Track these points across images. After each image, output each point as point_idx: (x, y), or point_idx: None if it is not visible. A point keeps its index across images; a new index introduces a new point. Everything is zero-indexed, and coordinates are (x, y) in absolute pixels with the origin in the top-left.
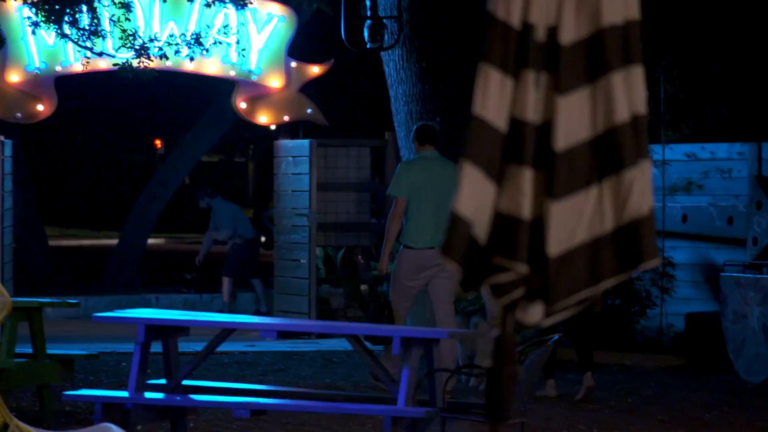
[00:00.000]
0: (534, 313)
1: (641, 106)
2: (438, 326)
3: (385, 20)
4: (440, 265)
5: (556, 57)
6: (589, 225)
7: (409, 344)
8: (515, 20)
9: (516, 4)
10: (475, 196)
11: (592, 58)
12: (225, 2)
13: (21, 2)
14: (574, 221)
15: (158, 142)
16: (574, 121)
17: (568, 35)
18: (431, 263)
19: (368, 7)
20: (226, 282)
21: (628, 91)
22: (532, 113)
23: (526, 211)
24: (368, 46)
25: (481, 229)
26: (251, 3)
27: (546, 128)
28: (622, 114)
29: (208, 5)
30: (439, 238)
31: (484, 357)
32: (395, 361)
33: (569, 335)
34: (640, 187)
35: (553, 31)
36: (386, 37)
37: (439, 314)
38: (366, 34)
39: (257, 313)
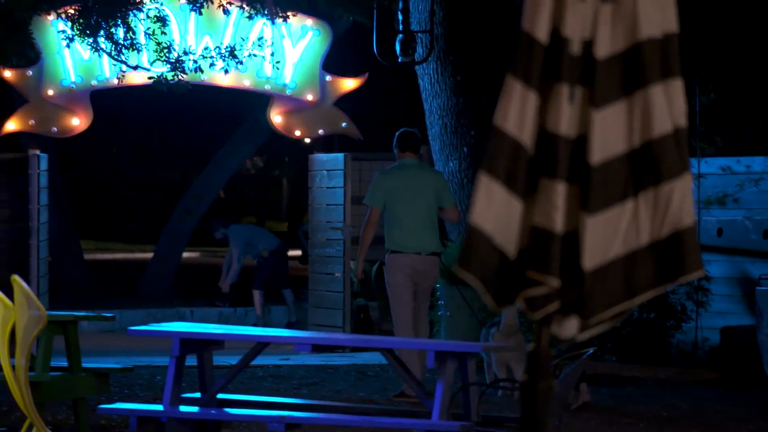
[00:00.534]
0: (569, 327)
1: (681, 119)
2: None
3: (418, 34)
4: (426, 272)
5: (592, 70)
6: (625, 238)
7: (444, 357)
8: (541, 34)
9: (544, 18)
10: (492, 208)
11: (629, 72)
12: (268, 16)
13: (56, 16)
14: (609, 235)
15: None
16: (609, 134)
17: (603, 49)
18: (418, 267)
19: (400, 21)
20: (256, 295)
21: (668, 104)
22: (565, 127)
23: (558, 225)
24: (400, 60)
25: (507, 243)
26: (293, 15)
27: (581, 142)
28: (661, 127)
29: (249, 17)
30: (422, 244)
31: (500, 367)
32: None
33: None
34: (681, 199)
35: (588, 45)
36: (420, 51)
37: (417, 328)
38: (398, 47)
39: (289, 324)
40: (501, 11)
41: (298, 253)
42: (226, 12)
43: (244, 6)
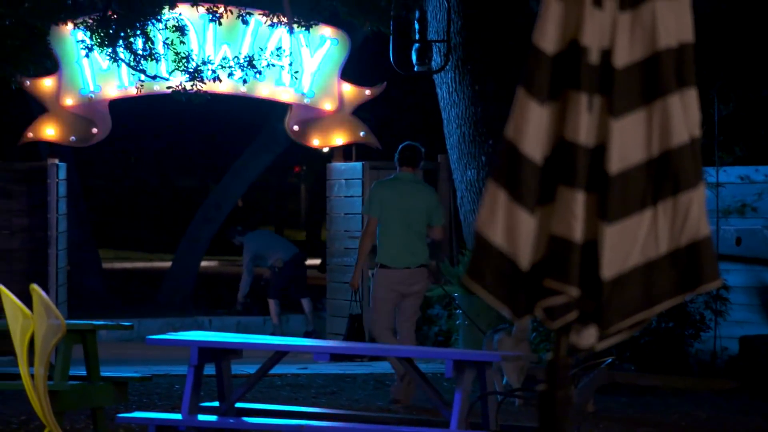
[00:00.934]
0: (588, 337)
1: (696, 129)
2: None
3: (436, 44)
4: (414, 284)
5: (610, 80)
6: (644, 248)
7: (462, 367)
8: (547, 44)
9: (551, 29)
10: (497, 216)
11: (647, 81)
12: (288, 26)
13: (75, 26)
14: (628, 244)
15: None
16: (628, 144)
17: (622, 58)
18: (406, 281)
19: (417, 30)
20: (272, 304)
21: (684, 114)
22: (584, 136)
23: (578, 233)
24: (416, 70)
25: (516, 251)
26: (315, 25)
27: (599, 151)
28: (678, 137)
29: (271, 25)
30: (412, 258)
31: (511, 375)
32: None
33: None
34: (698, 209)
35: (607, 54)
36: (439, 60)
37: (402, 333)
38: (414, 57)
39: (306, 333)
40: (519, 20)
41: (316, 261)
42: (245, 22)
43: (264, 16)
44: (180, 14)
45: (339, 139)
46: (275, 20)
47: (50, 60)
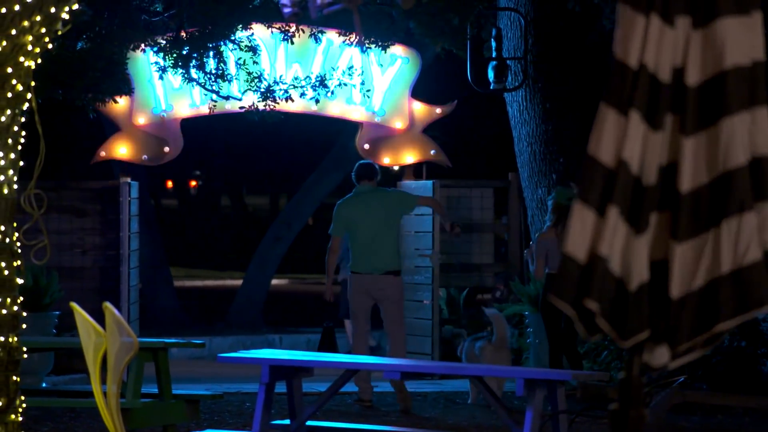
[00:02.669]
0: (660, 356)
1: (765, 147)
2: (391, 350)
3: (508, 61)
4: (383, 290)
5: (683, 98)
6: (711, 266)
7: (533, 385)
8: (633, 61)
9: (635, 46)
10: (585, 236)
11: (719, 99)
12: (361, 47)
13: (147, 46)
14: (696, 263)
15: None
16: (700, 162)
17: (694, 76)
18: (373, 286)
19: (493, 49)
20: (347, 323)
21: (754, 133)
22: (653, 155)
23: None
24: (492, 87)
25: (597, 269)
26: (391, 45)
27: (671, 169)
28: (747, 155)
29: (349, 45)
30: (377, 264)
31: (491, 382)
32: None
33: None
34: (764, 227)
35: (679, 72)
36: (510, 78)
37: (390, 337)
38: (491, 75)
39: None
40: (590, 37)
41: None
42: (317, 40)
43: (336, 36)
44: (252, 34)
45: (410, 157)
46: (348, 40)
47: (126, 86)
